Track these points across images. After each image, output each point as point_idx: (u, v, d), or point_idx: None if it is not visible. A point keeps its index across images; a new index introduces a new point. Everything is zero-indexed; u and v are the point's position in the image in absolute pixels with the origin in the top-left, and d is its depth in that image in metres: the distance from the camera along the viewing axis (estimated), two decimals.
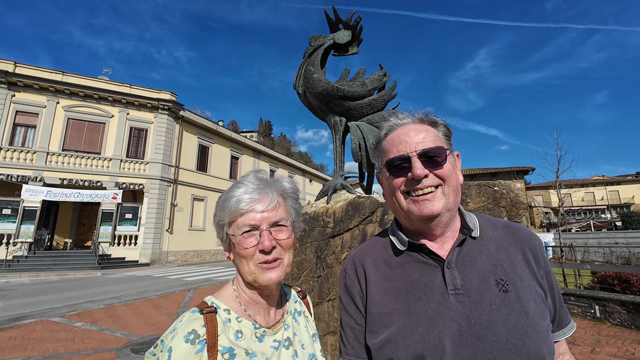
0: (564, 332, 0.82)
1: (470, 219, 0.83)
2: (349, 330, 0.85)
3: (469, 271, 0.75)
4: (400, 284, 0.79)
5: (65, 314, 6.97)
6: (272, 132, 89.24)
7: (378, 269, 0.84)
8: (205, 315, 0.73)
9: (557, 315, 0.80)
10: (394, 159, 0.79)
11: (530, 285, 0.75)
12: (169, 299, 8.65)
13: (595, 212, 45.04)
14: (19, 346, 4.89)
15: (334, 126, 3.01)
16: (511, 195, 2.21)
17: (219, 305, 0.78)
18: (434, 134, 0.80)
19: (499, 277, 0.74)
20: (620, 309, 5.81)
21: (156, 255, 18.54)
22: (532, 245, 0.80)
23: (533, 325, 0.69)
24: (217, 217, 0.82)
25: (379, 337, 0.76)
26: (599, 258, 14.54)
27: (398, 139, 0.80)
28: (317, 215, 2.63)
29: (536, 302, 0.73)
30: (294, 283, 2.52)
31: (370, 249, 0.90)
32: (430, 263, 0.78)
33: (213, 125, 24.14)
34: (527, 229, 0.85)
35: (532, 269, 0.77)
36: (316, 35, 3.17)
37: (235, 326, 0.76)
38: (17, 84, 16.73)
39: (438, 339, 0.69)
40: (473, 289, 0.73)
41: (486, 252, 0.78)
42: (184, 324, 0.70)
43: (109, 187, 17.90)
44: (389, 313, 0.77)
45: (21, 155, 16.56)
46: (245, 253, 0.77)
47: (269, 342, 0.79)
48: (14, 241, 15.22)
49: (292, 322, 0.89)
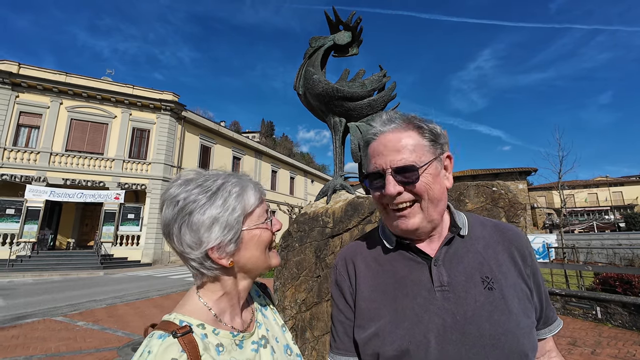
0: (550, 330, 0.83)
1: (459, 217, 0.84)
2: (339, 325, 0.86)
3: (456, 268, 0.77)
4: (389, 280, 0.80)
5: (68, 313, 7.01)
6: (274, 133, 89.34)
7: (367, 265, 0.86)
8: (180, 338, 0.63)
9: (544, 314, 0.82)
10: (370, 174, 0.80)
11: (515, 283, 0.76)
12: (170, 299, 8.68)
13: (598, 213, 44.78)
14: (21, 345, 4.92)
15: (334, 127, 3.03)
16: (509, 196, 2.21)
17: (190, 322, 0.69)
18: (414, 142, 0.77)
19: (485, 274, 0.75)
20: (622, 311, 5.78)
21: (158, 255, 18.61)
22: (519, 244, 0.82)
23: (516, 322, 0.70)
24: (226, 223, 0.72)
25: (366, 331, 0.78)
26: (602, 259, 14.48)
27: (377, 150, 0.79)
28: (317, 216, 2.64)
29: (521, 300, 0.74)
30: (293, 283, 2.53)
31: (361, 246, 0.92)
32: (418, 260, 0.80)
33: (215, 126, 24.23)
34: (515, 229, 0.86)
35: (518, 268, 0.78)
36: (316, 37, 3.18)
37: (213, 340, 0.70)
38: (21, 84, 16.87)
39: (423, 334, 0.71)
40: (459, 285, 0.74)
41: (474, 250, 0.80)
42: (157, 356, 0.59)
43: (111, 187, 17.99)
44: (376, 308, 0.78)
45: (25, 156, 16.69)
46: (269, 238, 0.80)
47: (249, 347, 0.77)
48: (17, 241, 15.32)
49: (262, 318, 0.89)
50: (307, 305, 2.42)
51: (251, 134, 69.98)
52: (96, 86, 18.54)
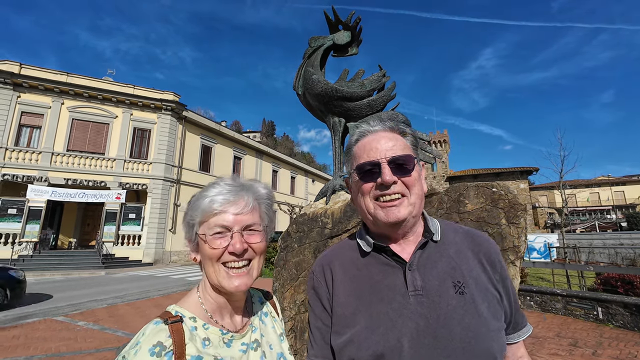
0: (519, 335, 0.86)
1: (432, 223, 0.87)
2: (316, 331, 0.86)
3: (430, 273, 0.78)
4: (364, 286, 0.81)
5: (69, 313, 7.03)
6: (275, 133, 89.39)
7: (345, 270, 0.86)
8: (170, 325, 0.70)
9: (513, 319, 0.84)
10: (364, 164, 0.82)
11: (485, 288, 0.78)
12: (171, 299, 8.70)
13: (600, 213, 44.64)
14: (22, 345, 4.94)
15: (333, 127, 3.02)
16: (510, 197, 2.20)
17: (183, 313, 0.76)
18: (402, 142, 0.84)
19: (457, 279, 0.77)
20: (623, 311, 5.76)
21: (159, 255, 18.64)
22: (488, 251, 0.84)
23: (486, 325, 0.73)
24: (187, 216, 0.81)
25: (342, 337, 0.78)
26: (604, 259, 14.42)
27: (369, 145, 0.83)
28: (316, 216, 2.63)
29: (490, 304, 0.77)
30: (292, 284, 2.52)
31: (339, 251, 0.93)
32: (393, 265, 0.81)
33: (216, 126, 24.23)
34: (485, 236, 0.89)
35: (487, 274, 0.81)
36: (315, 36, 3.17)
37: (202, 334, 0.75)
38: (22, 85, 16.91)
39: (397, 339, 0.72)
40: (432, 290, 0.76)
41: (446, 255, 0.82)
42: (148, 337, 0.67)
43: (112, 187, 18.03)
44: (352, 314, 0.79)
45: (26, 156, 16.73)
46: (213, 254, 0.76)
47: (237, 346, 0.79)
48: (19, 241, 15.37)
49: (259, 323, 0.89)
50: (306, 307, 2.42)
51: (252, 134, 70.05)
52: (97, 86, 18.57)
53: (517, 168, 39.10)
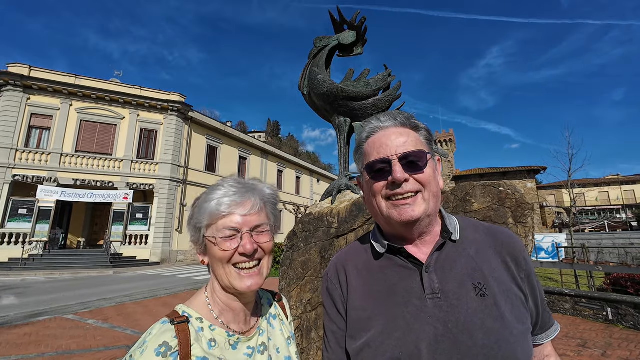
0: (547, 335, 0.81)
1: (450, 222, 0.82)
2: (331, 335, 0.84)
3: (448, 275, 0.75)
4: (380, 289, 0.78)
5: (78, 312, 7.14)
6: (280, 132, 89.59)
7: (359, 273, 0.84)
8: (177, 325, 0.71)
9: (540, 319, 0.80)
10: (374, 162, 0.78)
11: (509, 289, 0.74)
12: (178, 298, 8.78)
13: (609, 212, 43.92)
14: (33, 342, 5.03)
15: (339, 127, 3.02)
16: (517, 196, 2.18)
17: (190, 314, 0.76)
18: (415, 137, 0.79)
19: (477, 280, 0.73)
20: (634, 312, 5.67)
21: (166, 254, 18.82)
22: (512, 248, 0.79)
23: (509, 329, 0.68)
24: (193, 220, 0.80)
25: (357, 342, 0.76)
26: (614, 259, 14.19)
27: (379, 142, 0.79)
28: (322, 216, 2.64)
29: (514, 306, 0.72)
30: (298, 283, 2.54)
31: (352, 253, 0.90)
32: (409, 267, 0.78)
33: (221, 126, 24.37)
34: (508, 232, 0.84)
35: (511, 272, 0.76)
36: (321, 37, 3.18)
37: (208, 335, 0.75)
38: (32, 87, 17.19)
39: (414, 344, 0.69)
40: (451, 293, 0.72)
41: (466, 255, 0.78)
42: (154, 337, 0.67)
43: (120, 187, 18.24)
44: (368, 318, 0.76)
45: (36, 157, 17.01)
46: (223, 256, 0.76)
47: (243, 350, 0.79)
48: (29, 240, 15.63)
49: (267, 326, 0.89)
50: (312, 305, 2.43)
51: (257, 134, 70.24)
52: (105, 88, 18.81)
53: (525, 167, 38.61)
